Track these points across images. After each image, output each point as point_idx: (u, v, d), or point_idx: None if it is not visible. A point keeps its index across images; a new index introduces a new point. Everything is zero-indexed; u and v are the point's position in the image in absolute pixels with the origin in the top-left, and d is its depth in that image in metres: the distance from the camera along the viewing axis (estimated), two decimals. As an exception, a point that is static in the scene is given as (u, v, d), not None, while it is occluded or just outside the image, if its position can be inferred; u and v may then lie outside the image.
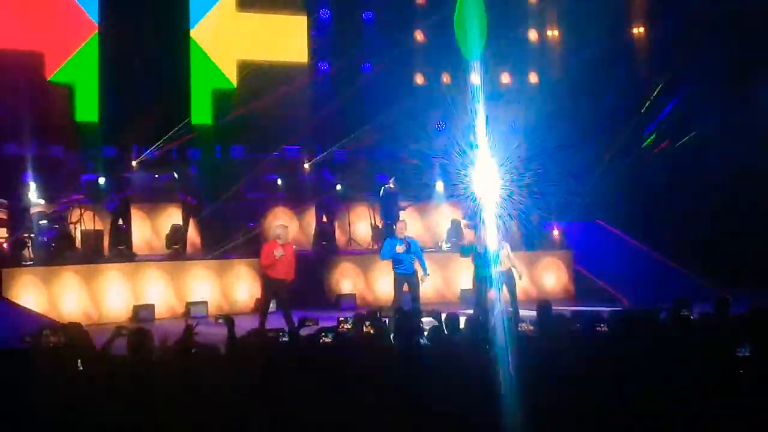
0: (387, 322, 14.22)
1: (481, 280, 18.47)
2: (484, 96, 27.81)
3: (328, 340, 9.99)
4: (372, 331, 10.89)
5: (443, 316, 11.59)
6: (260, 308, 17.94)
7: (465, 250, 19.15)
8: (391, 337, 11.26)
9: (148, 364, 8.62)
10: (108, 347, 10.03)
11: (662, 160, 26.26)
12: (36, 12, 23.67)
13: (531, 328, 10.75)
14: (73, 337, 8.95)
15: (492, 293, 18.11)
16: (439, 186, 25.86)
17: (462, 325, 10.85)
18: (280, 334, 10.57)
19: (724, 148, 25.25)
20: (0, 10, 23.30)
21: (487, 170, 26.32)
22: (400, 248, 18.43)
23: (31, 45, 23.58)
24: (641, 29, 28.11)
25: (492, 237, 18.85)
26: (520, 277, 19.82)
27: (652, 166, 26.30)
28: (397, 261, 18.59)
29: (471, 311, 17.02)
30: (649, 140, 26.61)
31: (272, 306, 18.21)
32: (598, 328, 11.23)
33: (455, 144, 27.46)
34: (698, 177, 25.21)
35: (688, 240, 24.61)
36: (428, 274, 18.97)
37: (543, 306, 12.71)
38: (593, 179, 26.46)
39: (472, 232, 19.07)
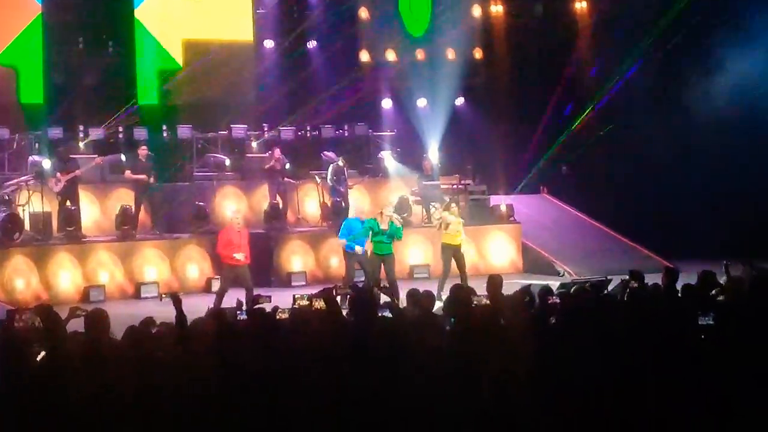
0: (340, 298, 14.31)
1: (381, 257, 18.53)
2: (429, 71, 28.04)
3: (284, 316, 10.07)
4: (324, 306, 10.97)
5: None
6: (218, 295, 17.92)
7: (368, 224, 18.87)
8: (345, 312, 11.33)
9: (107, 344, 8.64)
10: (63, 326, 10.03)
11: (607, 135, 26.46)
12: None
13: (487, 302, 10.87)
14: (45, 320, 8.95)
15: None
16: (388, 162, 25.94)
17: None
18: (238, 312, 10.65)
19: (666, 123, 25.53)
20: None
21: (432, 146, 26.57)
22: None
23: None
24: (584, 5, 28.29)
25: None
26: None
27: (597, 139, 26.51)
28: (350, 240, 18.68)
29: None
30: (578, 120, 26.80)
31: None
32: (549, 300, 11.38)
33: (402, 120, 27.66)
34: (645, 150, 25.44)
35: (635, 213, 24.88)
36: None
37: (494, 280, 12.85)
38: (539, 153, 26.66)
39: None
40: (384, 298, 11.47)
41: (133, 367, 8.57)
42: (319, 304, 10.35)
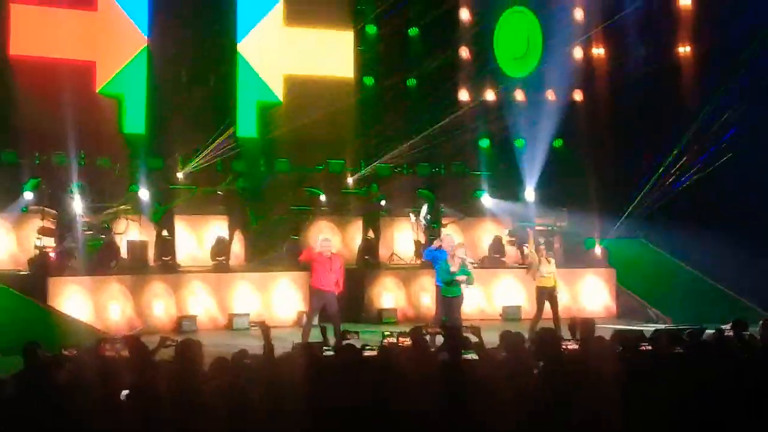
0: (429, 338, 14.31)
1: (449, 300, 18.11)
2: (528, 112, 27.98)
3: (373, 353, 10.08)
4: (410, 344, 10.97)
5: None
6: (305, 321, 18.05)
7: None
8: (435, 350, 11.33)
9: (197, 375, 8.73)
10: (153, 356, 10.16)
11: (706, 180, 26.04)
12: (87, 24, 23.93)
13: (575, 346, 10.80)
14: (132, 350, 9.10)
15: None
16: (486, 201, 25.96)
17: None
18: (325, 348, 10.69)
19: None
20: (54, 21, 23.54)
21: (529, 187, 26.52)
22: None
23: (82, 57, 23.80)
24: (687, 48, 28.02)
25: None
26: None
27: (697, 184, 26.11)
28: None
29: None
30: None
31: (315, 320, 18.40)
32: (641, 347, 11.26)
33: (500, 160, 27.63)
34: (741, 196, 25.01)
35: (736, 262, 24.36)
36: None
37: (587, 324, 12.78)
38: (637, 197, 26.32)
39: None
40: (473, 339, 11.44)
41: (222, 399, 8.65)
42: (407, 342, 10.36)
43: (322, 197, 24.90)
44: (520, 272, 23.40)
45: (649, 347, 11.23)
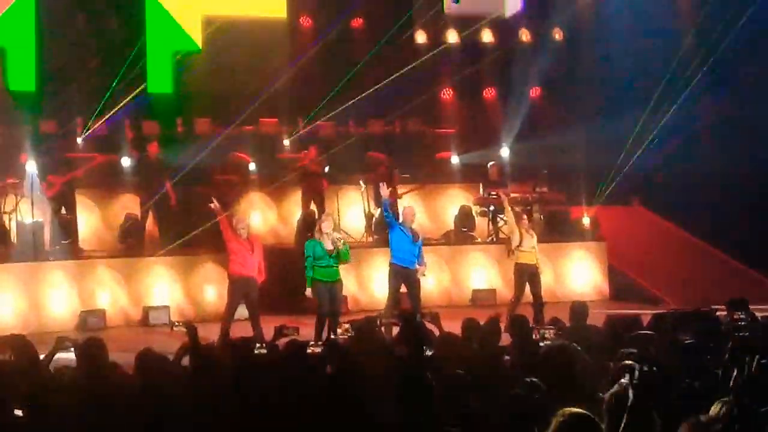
0: (384, 329, 14.36)
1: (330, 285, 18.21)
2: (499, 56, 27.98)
3: (317, 350, 10.05)
4: (352, 335, 10.98)
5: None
6: (225, 312, 18.12)
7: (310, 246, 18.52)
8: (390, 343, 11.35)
9: (102, 380, 8.67)
10: (46, 362, 10.03)
11: (719, 136, 26.05)
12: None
13: (551, 333, 10.86)
14: (19, 354, 8.96)
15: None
16: (453, 161, 26.06)
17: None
18: (257, 345, 10.64)
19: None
20: None
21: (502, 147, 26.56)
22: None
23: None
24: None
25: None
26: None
27: (706, 139, 26.14)
28: (397, 249, 18.55)
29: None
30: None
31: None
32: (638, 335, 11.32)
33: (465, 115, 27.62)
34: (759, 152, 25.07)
35: (748, 229, 24.36)
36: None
37: (578, 308, 12.91)
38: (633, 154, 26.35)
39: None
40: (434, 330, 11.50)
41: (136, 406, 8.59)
42: (348, 333, 10.35)
43: (252, 165, 24.81)
44: (493, 249, 23.48)
45: (650, 333, 11.29)
